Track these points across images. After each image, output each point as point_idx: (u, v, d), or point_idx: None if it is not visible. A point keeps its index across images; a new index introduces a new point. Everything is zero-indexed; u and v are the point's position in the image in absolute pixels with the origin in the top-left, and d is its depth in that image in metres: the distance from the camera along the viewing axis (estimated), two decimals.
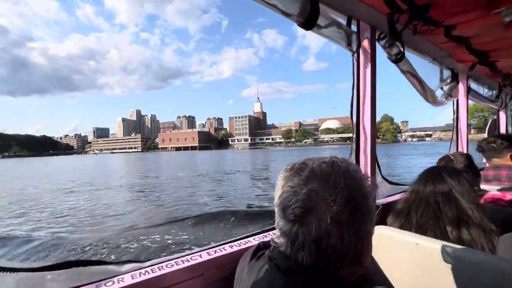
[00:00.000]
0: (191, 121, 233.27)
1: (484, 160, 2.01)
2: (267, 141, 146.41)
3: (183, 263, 0.74)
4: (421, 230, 0.96)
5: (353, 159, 1.34)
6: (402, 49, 1.44)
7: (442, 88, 2.04)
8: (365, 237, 0.45)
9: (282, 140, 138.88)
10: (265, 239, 0.76)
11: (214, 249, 0.83)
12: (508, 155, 1.85)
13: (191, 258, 0.77)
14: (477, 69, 1.88)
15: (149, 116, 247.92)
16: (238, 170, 20.18)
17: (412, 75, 1.60)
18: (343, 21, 1.24)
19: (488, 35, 1.29)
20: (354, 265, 0.45)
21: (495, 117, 3.15)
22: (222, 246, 0.84)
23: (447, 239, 0.91)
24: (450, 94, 1.98)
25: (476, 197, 0.94)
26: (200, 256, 0.78)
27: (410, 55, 1.71)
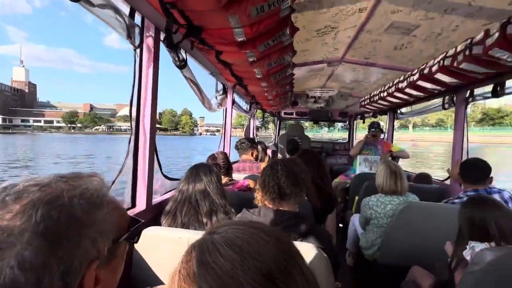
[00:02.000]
0: None
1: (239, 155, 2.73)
2: (36, 124, 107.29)
3: None
4: (185, 227, 1.13)
5: (130, 158, 1.30)
6: (185, 57, 1.60)
7: (216, 98, 2.54)
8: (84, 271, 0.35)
9: (64, 124, 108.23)
10: None
11: None
12: (251, 153, 2.67)
13: None
14: (238, 88, 2.54)
15: None
16: None
17: (193, 82, 1.84)
18: (125, 9, 1.15)
19: (242, 66, 1.76)
20: None
21: (249, 122, 4.47)
22: None
23: (203, 229, 1.14)
24: (221, 103, 2.52)
25: (222, 188, 1.24)
26: None
27: (193, 63, 1.95)
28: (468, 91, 2.37)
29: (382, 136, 3.87)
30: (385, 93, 3.05)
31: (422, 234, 1.77)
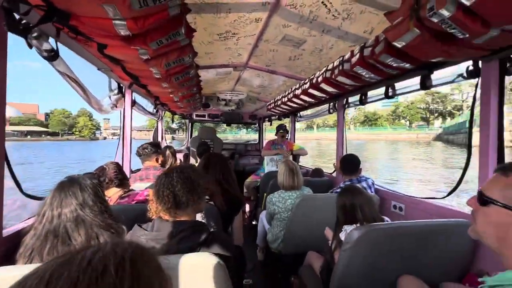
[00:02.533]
0: None
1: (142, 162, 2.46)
2: None
3: None
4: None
5: None
6: (56, 47, 1.30)
7: (110, 98, 2.20)
8: None
9: None
10: None
11: None
12: (155, 158, 2.44)
13: None
14: (136, 87, 2.28)
15: None
16: None
17: (71, 78, 1.52)
18: None
19: (135, 63, 1.57)
20: None
21: (156, 125, 4.12)
22: None
23: None
24: (116, 104, 2.20)
25: (105, 205, 1.05)
26: None
27: (76, 58, 1.62)
28: (345, 99, 2.91)
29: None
30: (286, 99, 3.40)
31: (315, 222, 2.04)
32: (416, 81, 1.90)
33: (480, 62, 1.47)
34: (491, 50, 1.25)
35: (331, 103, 3.12)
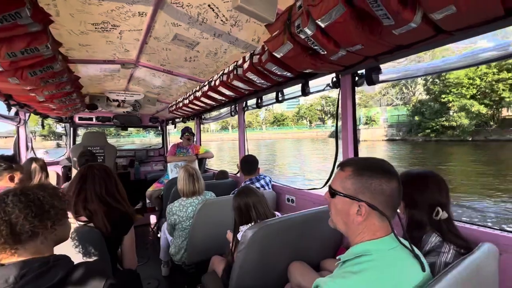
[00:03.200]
0: None
1: None
2: None
3: None
4: None
5: None
6: None
7: None
8: None
9: None
10: None
11: None
12: (7, 177, 1.86)
13: None
14: None
15: None
16: None
17: None
18: None
19: None
20: None
21: (17, 133, 3.17)
22: None
23: None
24: None
25: None
26: None
27: None
28: (244, 102, 3.05)
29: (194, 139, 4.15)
30: (187, 101, 3.27)
31: (219, 226, 2.03)
32: (298, 87, 2.18)
33: (339, 75, 1.81)
34: (344, 66, 1.55)
35: (232, 106, 3.21)
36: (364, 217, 0.77)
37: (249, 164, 2.36)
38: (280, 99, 2.43)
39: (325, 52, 1.28)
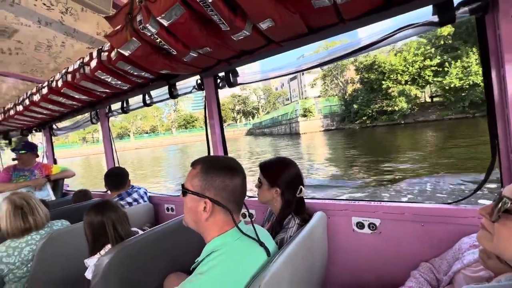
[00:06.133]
0: None
1: None
2: None
3: None
4: None
5: None
6: None
7: None
8: None
9: None
10: None
11: None
12: None
13: None
14: None
15: None
16: None
17: None
18: None
19: None
20: None
21: None
22: None
23: None
24: None
25: None
26: None
27: None
28: (107, 107, 2.62)
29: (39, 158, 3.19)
30: (22, 107, 2.48)
31: (75, 259, 1.63)
32: (166, 89, 2.06)
33: (203, 78, 1.84)
34: (202, 68, 1.58)
35: (92, 112, 2.70)
36: (209, 213, 0.78)
37: (114, 177, 2.03)
38: (148, 102, 2.23)
39: (176, 53, 1.24)
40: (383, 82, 26.57)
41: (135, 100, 2.44)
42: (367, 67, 28.40)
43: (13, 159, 2.77)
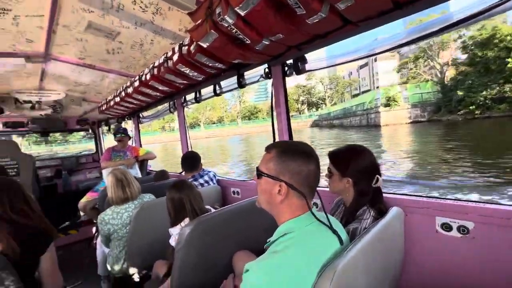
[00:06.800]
0: None
1: None
2: None
3: None
4: None
5: None
6: None
7: None
8: None
9: None
10: None
11: None
12: None
13: None
14: None
15: None
16: None
17: None
18: None
19: None
20: None
21: None
22: None
23: None
24: None
25: None
26: None
27: None
28: (183, 97, 2.91)
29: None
30: (119, 98, 2.97)
31: (160, 228, 1.91)
32: (235, 79, 2.17)
33: (271, 66, 1.86)
34: (272, 56, 1.60)
35: (170, 102, 3.05)
36: (283, 196, 0.80)
37: (189, 160, 2.27)
38: (218, 92, 2.39)
39: (250, 42, 1.29)
40: (508, 60, 20.06)
41: (206, 91, 2.64)
42: (481, 43, 21.90)
43: (118, 141, 3.38)
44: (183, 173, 3.12)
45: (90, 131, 4.64)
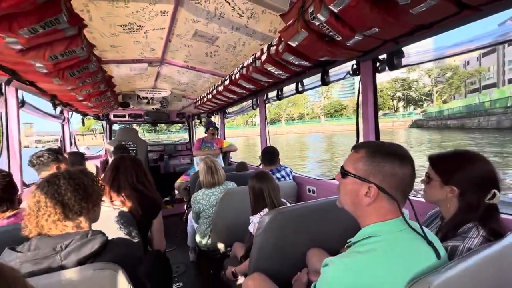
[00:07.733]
0: None
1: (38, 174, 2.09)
2: None
3: None
4: None
5: None
6: None
7: None
8: None
9: None
10: None
11: None
12: (55, 167, 2.10)
13: None
14: (22, 84, 1.90)
15: None
16: None
17: None
18: None
19: (5, 54, 1.31)
20: None
21: (62, 129, 3.53)
22: None
23: None
24: None
25: None
26: None
27: None
28: (265, 95, 3.07)
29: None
30: (211, 96, 3.38)
31: (240, 214, 2.10)
32: (318, 77, 2.15)
33: (359, 62, 1.76)
34: (363, 51, 1.51)
35: (254, 99, 3.26)
36: (372, 198, 0.77)
37: (269, 155, 2.40)
38: (300, 90, 2.42)
39: (340, 38, 1.26)
40: None
41: (287, 89, 2.71)
42: None
43: (209, 134, 3.88)
44: (261, 166, 3.31)
45: (186, 123, 5.46)
